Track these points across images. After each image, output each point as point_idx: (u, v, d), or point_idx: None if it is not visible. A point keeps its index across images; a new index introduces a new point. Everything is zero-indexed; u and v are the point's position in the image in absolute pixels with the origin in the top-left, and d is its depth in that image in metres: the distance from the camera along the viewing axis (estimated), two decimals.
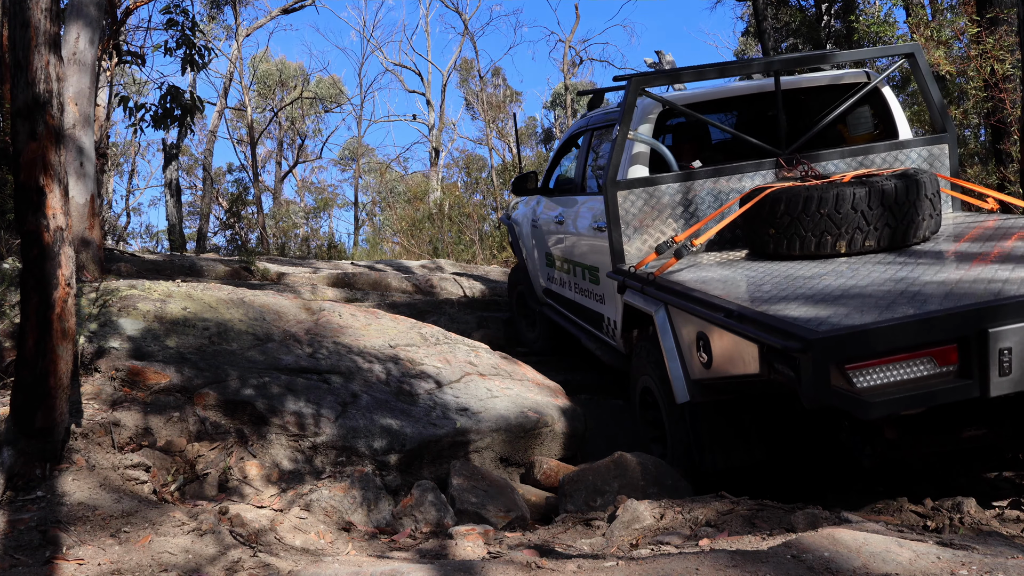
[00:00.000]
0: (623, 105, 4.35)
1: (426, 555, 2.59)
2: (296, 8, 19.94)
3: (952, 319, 2.59)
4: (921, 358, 2.60)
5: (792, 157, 4.37)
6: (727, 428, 3.55)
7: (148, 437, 3.39)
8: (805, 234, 3.71)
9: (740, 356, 3.00)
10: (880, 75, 4.64)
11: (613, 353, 4.85)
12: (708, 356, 3.26)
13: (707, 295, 3.27)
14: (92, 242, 5.78)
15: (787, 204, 3.71)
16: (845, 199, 3.62)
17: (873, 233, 3.66)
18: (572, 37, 25.59)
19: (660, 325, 3.67)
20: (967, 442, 3.11)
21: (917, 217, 3.69)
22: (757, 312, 2.87)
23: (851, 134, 4.84)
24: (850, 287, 3.11)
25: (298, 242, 19.16)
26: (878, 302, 2.83)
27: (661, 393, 3.86)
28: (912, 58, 4.58)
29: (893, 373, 2.59)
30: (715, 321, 3.07)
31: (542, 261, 6.28)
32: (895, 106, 4.74)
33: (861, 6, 13.29)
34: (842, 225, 3.65)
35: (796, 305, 2.92)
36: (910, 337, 2.58)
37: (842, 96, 4.60)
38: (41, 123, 2.81)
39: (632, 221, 4.33)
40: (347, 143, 31.74)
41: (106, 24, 7.39)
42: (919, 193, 3.67)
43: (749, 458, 3.57)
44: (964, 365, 2.62)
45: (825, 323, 2.64)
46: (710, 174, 4.35)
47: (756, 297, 3.13)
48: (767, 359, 2.80)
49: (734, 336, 2.98)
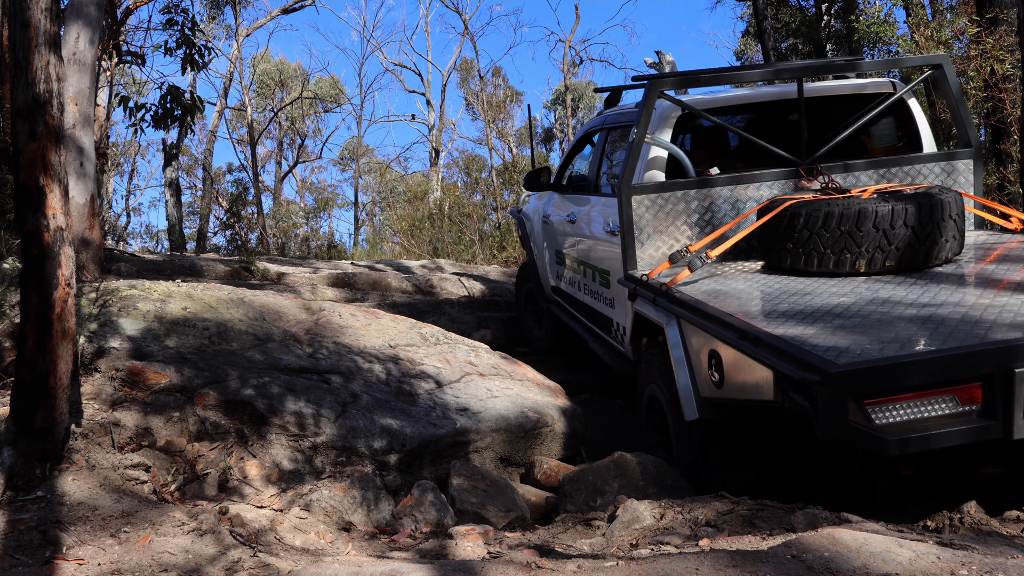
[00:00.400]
0: (641, 107, 4.25)
1: (426, 555, 2.59)
2: (296, 8, 19.95)
3: (977, 357, 2.51)
4: (943, 396, 2.52)
5: (812, 167, 4.25)
6: (735, 449, 3.44)
7: (148, 437, 3.39)
8: (824, 251, 3.60)
9: (754, 380, 2.90)
10: (906, 86, 4.54)
11: (620, 358, 4.76)
12: (720, 375, 3.16)
13: (721, 312, 3.17)
14: (92, 242, 5.79)
15: (806, 219, 3.60)
16: (867, 216, 3.51)
17: (894, 253, 3.55)
18: (572, 37, 25.61)
19: (671, 338, 3.56)
20: (984, 479, 3.03)
21: (940, 238, 3.58)
22: (774, 336, 2.78)
23: (874, 145, 4.73)
24: (870, 312, 3.02)
25: (298, 242, 19.17)
26: (899, 332, 2.73)
27: (668, 405, 3.75)
28: (940, 69, 4.47)
29: (913, 410, 2.51)
30: (729, 341, 2.97)
31: (552, 259, 6.22)
32: (920, 118, 4.63)
33: (861, 6, 13.30)
34: (863, 243, 3.54)
35: (814, 330, 2.83)
36: (933, 374, 2.49)
37: (866, 106, 4.49)
38: (41, 123, 2.81)
39: (646, 227, 4.23)
40: (347, 143, 31.76)
41: (106, 24, 7.39)
42: (943, 213, 3.57)
43: (757, 481, 3.45)
44: (988, 405, 2.53)
45: (845, 354, 2.56)
46: (728, 181, 4.25)
47: (772, 317, 3.04)
48: (782, 387, 2.71)
49: (749, 359, 2.88)
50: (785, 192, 4.23)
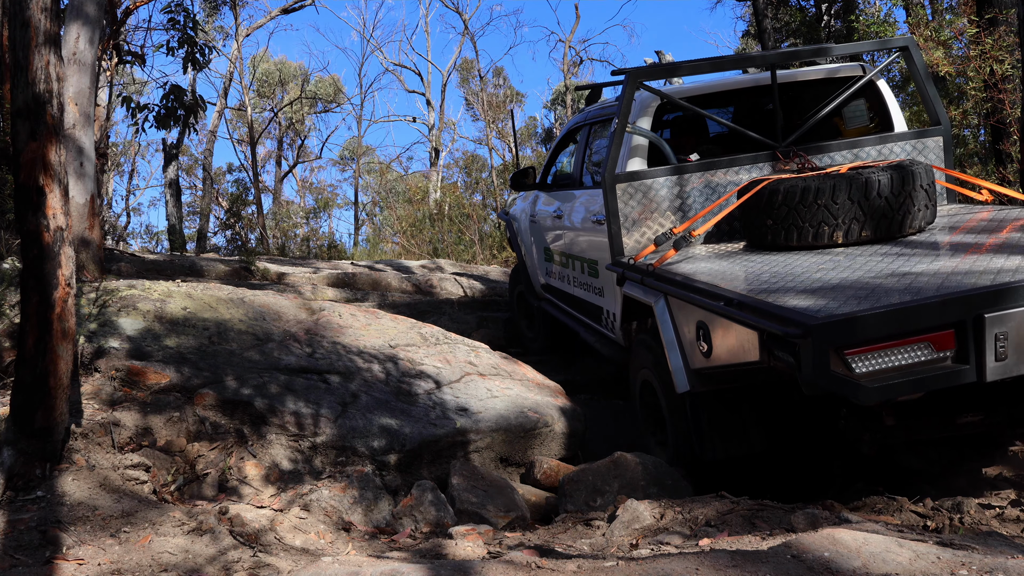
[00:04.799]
0: (621, 98, 4.38)
1: (426, 555, 2.59)
2: (296, 8, 19.94)
3: (949, 304, 2.62)
4: (918, 343, 2.63)
5: (788, 150, 4.41)
6: (727, 418, 3.59)
7: (148, 437, 3.39)
8: (803, 225, 3.74)
9: (740, 344, 3.03)
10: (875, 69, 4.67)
11: (612, 346, 4.87)
12: (708, 345, 3.29)
13: (707, 284, 3.30)
14: (92, 242, 5.78)
15: (784, 195, 3.74)
16: (841, 189, 3.66)
17: (869, 223, 3.70)
18: (572, 37, 25.60)
19: (660, 315, 3.69)
20: (964, 428, 3.15)
21: (912, 207, 3.73)
22: (757, 300, 2.89)
23: (847, 127, 4.87)
24: (847, 276, 3.14)
25: (298, 242, 19.16)
26: (875, 290, 2.85)
27: (661, 385, 3.88)
28: (906, 51, 4.61)
29: (891, 358, 2.62)
30: (715, 310, 3.09)
31: (540, 256, 6.29)
32: (890, 99, 4.77)
33: (861, 6, 13.31)
34: (839, 216, 3.68)
35: (795, 294, 2.95)
36: (908, 322, 2.60)
37: (838, 90, 4.63)
38: (41, 123, 2.81)
39: (631, 214, 4.35)
40: (347, 143, 31.77)
41: (106, 24, 7.39)
42: (914, 183, 3.71)
43: (749, 448, 3.60)
44: (961, 350, 2.65)
45: (824, 310, 2.67)
46: (707, 167, 4.39)
47: (755, 287, 3.15)
48: (767, 346, 2.83)
49: (734, 324, 3.00)
50: (763, 175, 4.34)
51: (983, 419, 3.13)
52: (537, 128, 32.06)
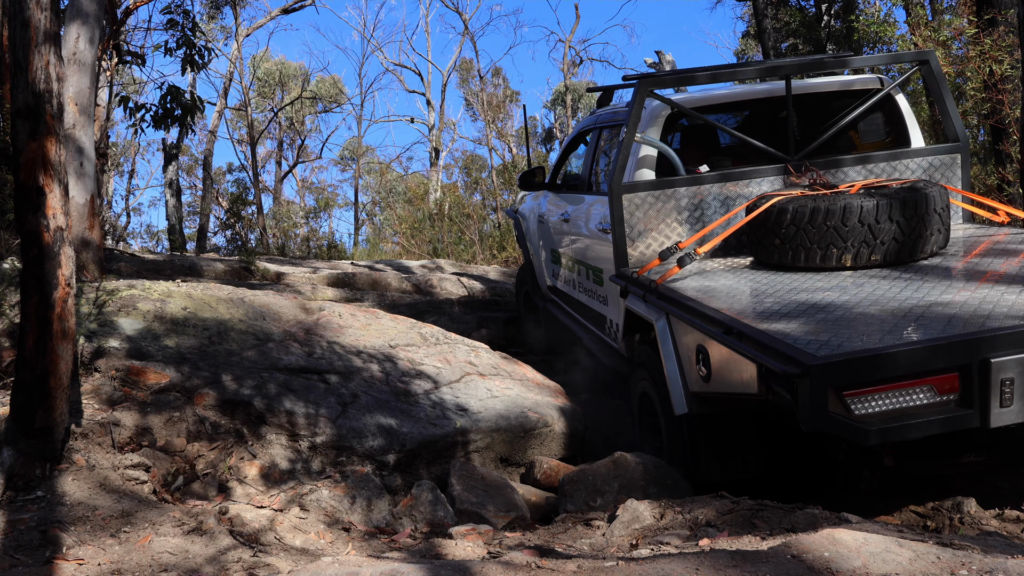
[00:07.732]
0: (631, 106, 4.30)
1: (425, 555, 2.59)
2: (296, 8, 19.93)
3: (955, 347, 2.54)
4: (921, 386, 2.56)
5: (801, 164, 4.30)
6: (724, 441, 3.51)
7: (147, 437, 3.39)
8: (811, 246, 3.64)
9: (739, 374, 2.96)
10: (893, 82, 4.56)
11: (614, 355, 4.82)
12: (707, 370, 3.22)
13: (708, 308, 3.22)
14: (92, 242, 5.78)
15: (793, 215, 3.65)
16: (852, 211, 3.55)
17: (880, 248, 3.60)
18: (572, 37, 25.59)
19: (660, 334, 3.62)
20: (965, 468, 3.07)
21: (925, 232, 3.62)
22: (757, 331, 2.82)
23: (862, 141, 4.76)
24: (853, 305, 3.06)
25: (298, 242, 19.15)
26: (881, 324, 2.77)
27: (660, 401, 3.82)
28: (927, 65, 4.50)
29: (892, 401, 2.55)
30: (715, 336, 3.03)
31: (547, 257, 6.26)
32: (908, 113, 4.66)
33: (861, 6, 13.31)
34: (848, 238, 3.58)
35: (797, 324, 2.87)
36: (911, 365, 2.53)
37: (854, 102, 4.51)
38: (41, 123, 2.81)
39: (637, 224, 4.28)
40: (347, 143, 31.72)
41: (106, 24, 7.38)
42: (928, 207, 3.60)
43: (746, 472, 3.52)
44: (965, 394, 2.57)
45: (825, 347, 2.59)
46: (717, 179, 4.29)
47: (758, 312, 3.09)
48: (765, 380, 2.76)
49: (734, 354, 2.93)
50: (774, 189, 4.27)
51: (985, 460, 3.06)
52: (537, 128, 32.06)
